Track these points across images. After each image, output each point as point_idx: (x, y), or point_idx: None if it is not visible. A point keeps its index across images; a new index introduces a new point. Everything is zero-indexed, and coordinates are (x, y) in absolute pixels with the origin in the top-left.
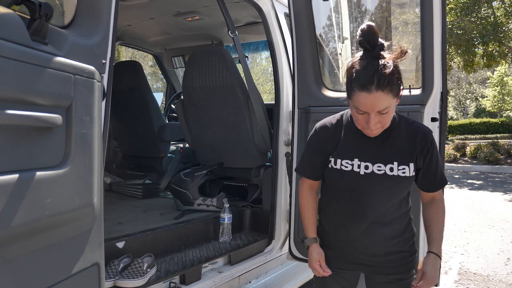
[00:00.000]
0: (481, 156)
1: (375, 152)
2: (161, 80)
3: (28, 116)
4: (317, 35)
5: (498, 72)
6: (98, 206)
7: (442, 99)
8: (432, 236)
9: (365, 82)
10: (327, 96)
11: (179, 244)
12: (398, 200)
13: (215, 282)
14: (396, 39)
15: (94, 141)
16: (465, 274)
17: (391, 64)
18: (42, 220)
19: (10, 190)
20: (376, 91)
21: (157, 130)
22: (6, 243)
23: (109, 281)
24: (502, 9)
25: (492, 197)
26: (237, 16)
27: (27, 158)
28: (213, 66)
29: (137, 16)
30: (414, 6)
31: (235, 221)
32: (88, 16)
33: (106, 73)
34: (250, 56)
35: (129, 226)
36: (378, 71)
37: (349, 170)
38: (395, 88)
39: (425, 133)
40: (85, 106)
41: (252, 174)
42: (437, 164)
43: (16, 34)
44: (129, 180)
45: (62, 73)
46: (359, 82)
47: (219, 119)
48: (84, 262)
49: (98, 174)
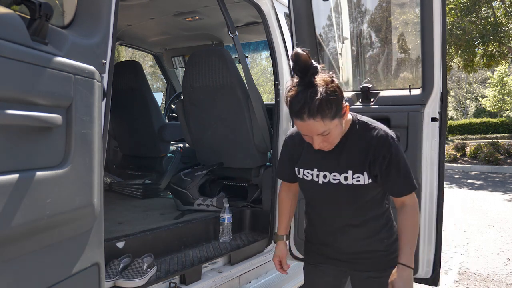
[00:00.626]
0: (481, 156)
1: (332, 162)
2: (161, 80)
3: (28, 116)
4: (317, 35)
5: (498, 72)
6: (98, 206)
7: (442, 99)
8: (401, 245)
9: (296, 111)
10: None
11: (179, 244)
12: (364, 204)
13: (215, 282)
14: (396, 39)
15: (94, 141)
16: (465, 274)
17: (321, 92)
18: (42, 220)
19: (10, 190)
20: (308, 119)
21: (157, 130)
22: (6, 243)
23: (109, 281)
24: (502, 9)
25: (492, 197)
26: (237, 16)
27: (27, 158)
28: (213, 66)
29: (137, 16)
30: (414, 6)
31: (235, 221)
32: (88, 16)
33: (106, 73)
34: (250, 56)
35: (129, 226)
36: (307, 101)
37: (309, 180)
38: (329, 113)
39: (380, 141)
40: (85, 106)
41: (252, 174)
42: (399, 169)
43: (16, 34)
44: (129, 180)
45: (62, 73)
46: (292, 110)
47: (219, 119)
48: (84, 262)
49: (98, 174)
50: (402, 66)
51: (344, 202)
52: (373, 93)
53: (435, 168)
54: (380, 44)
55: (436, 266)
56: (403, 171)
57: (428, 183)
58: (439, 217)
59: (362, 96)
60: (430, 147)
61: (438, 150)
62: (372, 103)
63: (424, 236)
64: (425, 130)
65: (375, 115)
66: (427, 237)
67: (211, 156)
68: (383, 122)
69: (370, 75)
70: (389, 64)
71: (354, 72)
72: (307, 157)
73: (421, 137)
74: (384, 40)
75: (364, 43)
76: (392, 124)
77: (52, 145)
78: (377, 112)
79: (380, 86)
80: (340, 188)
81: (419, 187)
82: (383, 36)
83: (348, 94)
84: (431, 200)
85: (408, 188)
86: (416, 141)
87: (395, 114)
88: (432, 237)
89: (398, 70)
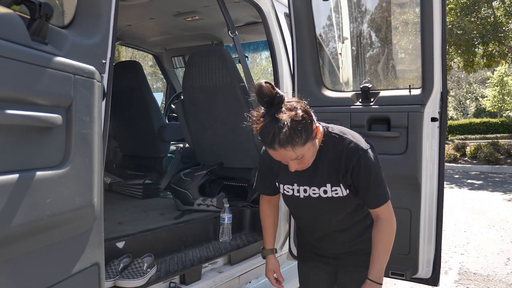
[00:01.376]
0: (481, 156)
1: (310, 177)
2: (161, 80)
3: (28, 116)
4: (317, 35)
5: (498, 72)
6: (98, 206)
7: (442, 99)
8: (371, 260)
9: (267, 142)
10: (327, 96)
11: (179, 244)
12: (348, 213)
13: (215, 282)
14: (396, 39)
15: (94, 141)
16: (465, 274)
17: (288, 123)
18: (42, 220)
19: (10, 190)
20: (279, 149)
21: (157, 130)
22: (6, 243)
23: (109, 281)
24: (502, 9)
25: (492, 197)
26: (237, 16)
27: (27, 158)
28: (213, 66)
29: (137, 16)
30: (414, 6)
31: (235, 221)
32: (88, 16)
33: (106, 73)
34: (250, 56)
35: (129, 226)
36: (276, 133)
37: (290, 195)
38: (299, 141)
39: (350, 152)
40: (85, 106)
41: (252, 174)
42: (369, 181)
43: (16, 34)
44: (129, 180)
45: (62, 73)
46: (263, 140)
47: (219, 119)
48: (84, 262)
49: (98, 174)
50: (402, 66)
51: (327, 214)
52: (373, 93)
53: (435, 168)
54: (380, 44)
55: (436, 266)
56: (373, 182)
57: (428, 183)
58: (439, 217)
59: (362, 96)
60: (430, 147)
61: (438, 150)
62: (372, 103)
63: (424, 236)
64: (425, 130)
65: (375, 115)
66: (427, 237)
67: (211, 156)
68: (383, 122)
69: (370, 75)
70: (389, 64)
71: (354, 72)
72: (286, 172)
73: (421, 137)
74: (384, 40)
75: (364, 43)
76: (392, 124)
77: (52, 145)
78: (377, 112)
79: (380, 86)
80: (321, 201)
81: (419, 187)
82: (383, 36)
83: (348, 94)
84: (431, 200)
85: (378, 200)
86: (416, 141)
87: (395, 114)
88: (432, 237)
89: (398, 70)
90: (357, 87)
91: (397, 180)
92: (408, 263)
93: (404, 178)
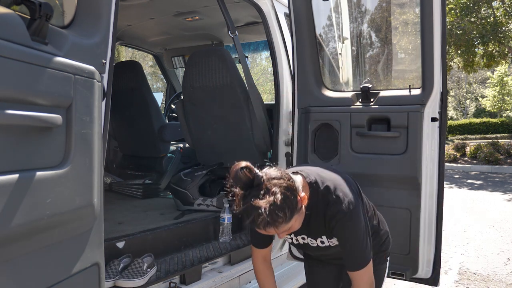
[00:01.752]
0: (481, 156)
1: (305, 229)
2: (161, 80)
3: (28, 116)
4: (317, 35)
5: (498, 72)
6: (98, 206)
7: (442, 99)
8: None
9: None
10: (327, 96)
11: (179, 244)
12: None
13: (215, 282)
14: (396, 39)
15: (94, 141)
16: (465, 274)
17: (266, 209)
18: (42, 220)
19: (10, 190)
20: (264, 230)
21: (157, 130)
22: (6, 243)
23: (109, 281)
24: (502, 9)
25: (492, 197)
26: (237, 16)
27: (27, 158)
28: (213, 66)
29: (137, 16)
30: (414, 6)
31: (235, 221)
32: (88, 16)
33: (106, 73)
34: (250, 56)
35: (129, 226)
36: (254, 219)
37: (291, 242)
38: (283, 219)
39: (332, 217)
40: (85, 106)
41: None
42: (345, 246)
43: (16, 34)
44: (129, 180)
45: (62, 73)
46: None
47: (219, 119)
48: (84, 262)
49: (98, 174)
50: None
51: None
52: (373, 93)
53: (435, 168)
54: (380, 44)
55: (436, 266)
56: (349, 249)
57: (428, 183)
58: (439, 217)
59: (362, 96)
60: (430, 147)
61: (438, 150)
62: (372, 103)
63: (424, 236)
64: (425, 130)
65: (375, 115)
66: (427, 237)
67: (211, 156)
68: (383, 122)
69: (370, 75)
70: (389, 64)
71: (354, 72)
72: None
73: (421, 137)
74: (384, 40)
75: (364, 43)
76: (392, 124)
77: (52, 145)
78: (377, 112)
79: (380, 86)
80: (320, 248)
81: (419, 186)
82: (383, 36)
83: (348, 94)
84: (431, 200)
85: (353, 264)
86: (416, 141)
87: (395, 114)
88: (432, 237)
89: (398, 70)
90: (357, 87)
91: (397, 180)
92: (408, 263)
93: (404, 178)
